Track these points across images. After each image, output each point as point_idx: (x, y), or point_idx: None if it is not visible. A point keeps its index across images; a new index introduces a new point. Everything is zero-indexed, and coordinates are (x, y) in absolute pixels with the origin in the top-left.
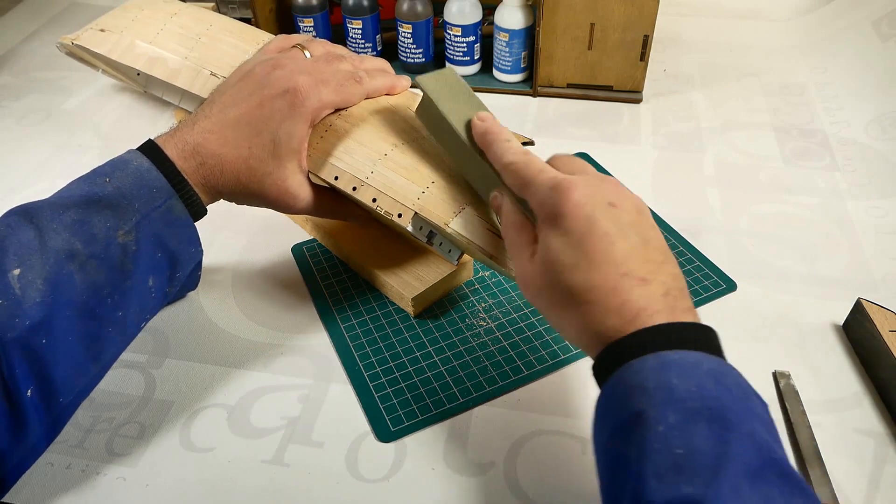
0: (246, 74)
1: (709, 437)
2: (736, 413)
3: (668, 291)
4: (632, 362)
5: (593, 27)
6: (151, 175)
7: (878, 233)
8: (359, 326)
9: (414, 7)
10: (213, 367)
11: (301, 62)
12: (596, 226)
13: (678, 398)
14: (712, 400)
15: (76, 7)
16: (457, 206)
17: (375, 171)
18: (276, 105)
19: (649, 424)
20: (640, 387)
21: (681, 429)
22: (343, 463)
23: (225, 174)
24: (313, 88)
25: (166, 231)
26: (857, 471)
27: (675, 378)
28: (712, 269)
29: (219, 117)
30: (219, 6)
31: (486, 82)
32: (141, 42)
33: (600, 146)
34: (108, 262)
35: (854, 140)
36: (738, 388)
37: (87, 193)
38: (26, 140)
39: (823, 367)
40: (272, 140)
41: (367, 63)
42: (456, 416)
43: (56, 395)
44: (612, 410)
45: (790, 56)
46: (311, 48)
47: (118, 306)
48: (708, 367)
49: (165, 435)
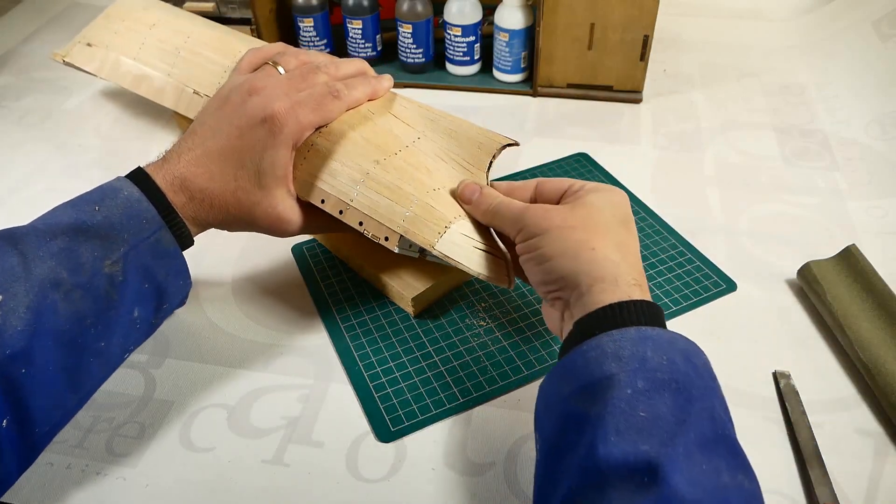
0: (223, 102)
1: (672, 406)
2: (699, 389)
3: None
4: (612, 331)
5: (593, 27)
6: (142, 206)
7: (878, 233)
8: (359, 326)
9: (414, 7)
10: (213, 367)
11: (276, 82)
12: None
13: (649, 368)
14: (680, 374)
15: (76, 7)
16: (441, 226)
17: (359, 193)
18: (257, 135)
19: (619, 387)
20: (616, 354)
21: (647, 395)
22: (343, 463)
23: (214, 208)
24: (291, 113)
25: (154, 263)
26: (857, 471)
27: (649, 351)
28: (712, 269)
29: (202, 150)
30: (219, 6)
31: (486, 82)
32: (126, 59)
33: (600, 146)
34: (93, 292)
35: (854, 140)
36: (705, 368)
37: (75, 221)
38: (26, 140)
39: (823, 367)
40: (256, 171)
41: (343, 69)
42: (456, 416)
43: (32, 425)
44: (582, 370)
45: (790, 56)
46: (284, 62)
47: (101, 337)
48: (682, 346)
49: (165, 435)
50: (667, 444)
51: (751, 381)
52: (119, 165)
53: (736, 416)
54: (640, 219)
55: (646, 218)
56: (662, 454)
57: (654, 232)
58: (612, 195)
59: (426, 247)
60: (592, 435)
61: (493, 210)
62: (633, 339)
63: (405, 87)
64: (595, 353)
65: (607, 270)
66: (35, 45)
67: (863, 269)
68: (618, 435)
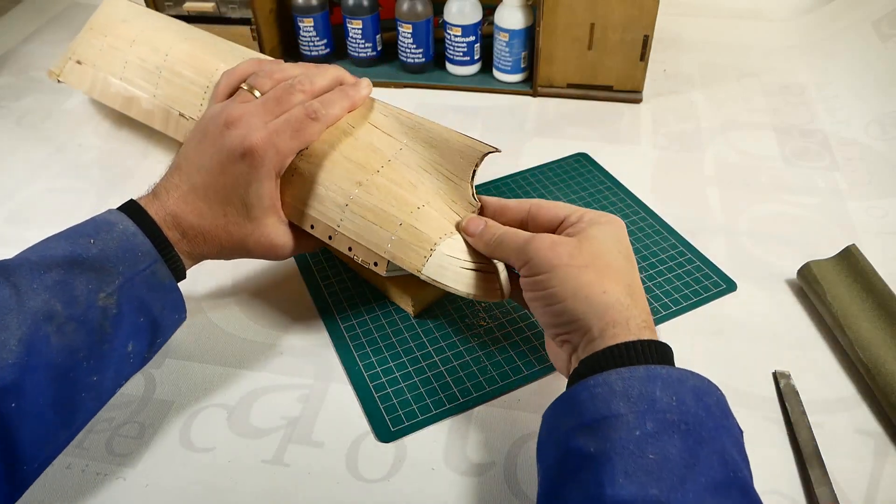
0: (203, 136)
1: (681, 449)
2: (710, 430)
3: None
4: (620, 368)
5: (593, 27)
6: (137, 239)
7: (878, 233)
8: (359, 326)
9: (414, 7)
10: (213, 367)
11: (251, 110)
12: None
13: (658, 409)
14: (690, 415)
15: (76, 7)
16: (427, 249)
17: (345, 218)
18: (238, 170)
19: (628, 428)
20: (625, 393)
21: (656, 437)
22: (343, 463)
23: (208, 242)
24: (269, 145)
25: (150, 296)
26: (857, 471)
27: (658, 390)
28: (712, 269)
29: (188, 186)
30: (219, 6)
31: (486, 82)
32: (113, 79)
33: (600, 146)
34: (87, 325)
35: (854, 140)
36: (718, 406)
37: (70, 254)
38: (26, 140)
39: (823, 367)
40: (243, 204)
41: (318, 82)
42: (456, 416)
43: (20, 462)
44: (587, 405)
45: (790, 56)
46: (259, 85)
47: (94, 371)
48: (692, 384)
49: (165, 435)
50: (676, 489)
51: (751, 381)
52: (119, 165)
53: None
54: (639, 219)
55: (646, 218)
56: (672, 499)
57: (654, 232)
58: (614, 229)
59: (413, 272)
60: (599, 474)
61: (496, 241)
62: (642, 377)
63: (405, 87)
64: (602, 389)
65: (619, 314)
66: (35, 45)
67: (863, 269)
68: (626, 477)
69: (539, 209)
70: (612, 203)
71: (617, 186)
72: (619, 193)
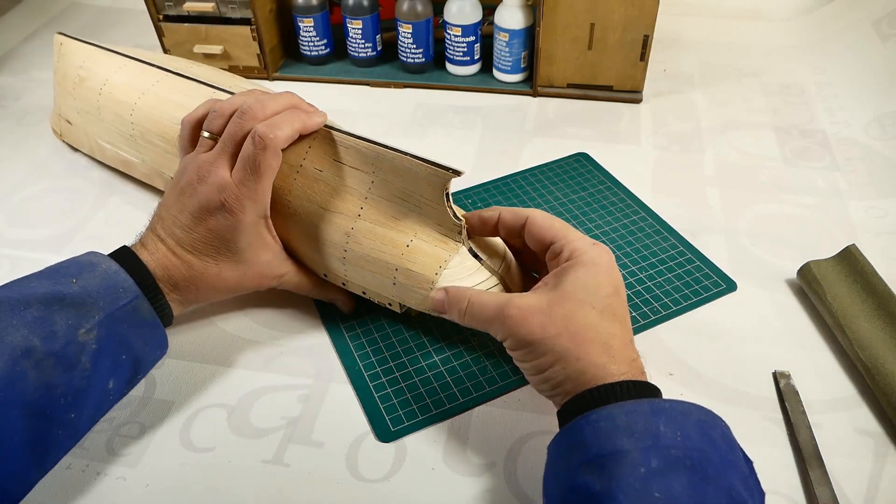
0: (180, 192)
1: (687, 486)
2: (716, 466)
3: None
4: (623, 402)
5: (593, 27)
6: (120, 276)
7: (878, 233)
8: (359, 326)
9: (414, 7)
10: (213, 367)
11: (212, 160)
12: (620, 292)
13: (663, 445)
14: (695, 451)
15: (76, 7)
16: (427, 288)
17: (347, 272)
18: (220, 222)
19: (632, 465)
20: (628, 428)
21: (661, 474)
22: (343, 463)
23: (201, 290)
24: (239, 195)
25: (131, 332)
26: (857, 471)
27: (662, 425)
28: (712, 269)
29: (174, 240)
30: (219, 6)
31: (486, 82)
32: (103, 143)
33: (600, 146)
34: (65, 361)
35: (854, 140)
36: (723, 440)
37: (51, 292)
38: (26, 140)
39: (823, 367)
40: (232, 251)
41: (270, 107)
42: (456, 416)
43: None
44: (591, 441)
45: (790, 56)
46: (213, 127)
47: (71, 408)
48: (697, 417)
49: (165, 435)
50: None
51: (751, 381)
52: None
53: (736, 416)
54: (639, 218)
55: (646, 218)
56: None
57: (654, 232)
58: (595, 273)
59: (423, 311)
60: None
61: (467, 314)
62: (646, 412)
63: (405, 87)
64: (606, 423)
65: (596, 375)
66: (35, 45)
67: (863, 269)
68: None
69: (532, 225)
70: (612, 203)
71: (617, 186)
72: (619, 193)
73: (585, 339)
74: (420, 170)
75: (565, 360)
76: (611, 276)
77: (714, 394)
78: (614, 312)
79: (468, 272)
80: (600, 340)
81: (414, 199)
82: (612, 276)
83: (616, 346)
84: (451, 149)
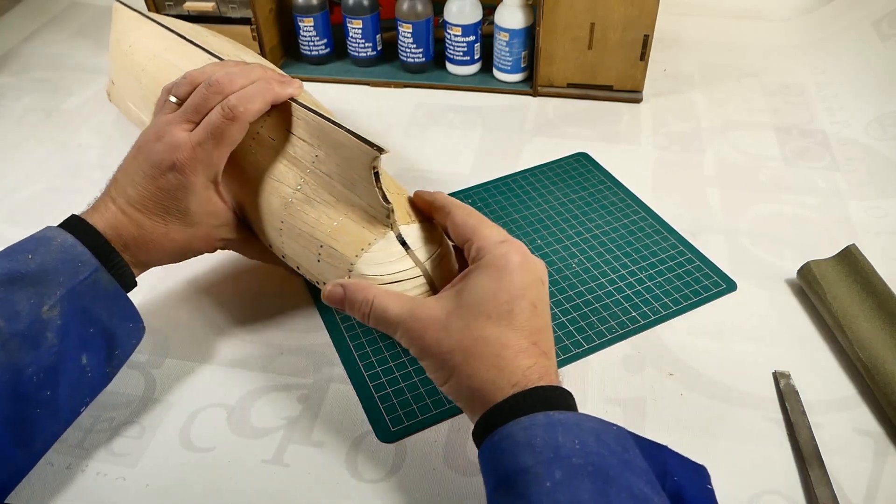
0: (137, 150)
1: (592, 492)
2: (615, 468)
3: (554, 360)
4: (521, 418)
5: (593, 27)
6: (77, 250)
7: (878, 233)
8: (359, 326)
9: (414, 7)
10: (213, 367)
11: (170, 121)
12: (528, 293)
13: (563, 455)
14: (594, 456)
15: (76, 7)
16: (344, 270)
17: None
18: (170, 182)
19: (538, 480)
20: (528, 444)
21: (566, 484)
22: (343, 463)
23: (150, 251)
24: (193, 157)
25: (94, 304)
26: (857, 471)
27: (560, 436)
28: (712, 269)
29: (124, 199)
30: (219, 6)
31: (486, 82)
32: (129, 104)
33: (600, 146)
34: (30, 340)
35: (854, 140)
36: (617, 442)
37: (9, 271)
38: (26, 140)
39: (823, 367)
40: (181, 212)
41: (238, 81)
42: (456, 416)
43: None
44: (497, 463)
45: (790, 56)
46: (178, 92)
47: (45, 385)
48: (589, 425)
49: (165, 435)
50: None
51: (751, 381)
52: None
53: (736, 416)
54: (639, 218)
55: (646, 218)
56: None
57: (654, 232)
58: (497, 276)
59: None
60: None
61: (371, 317)
62: (543, 425)
63: (405, 87)
64: (507, 443)
65: (486, 393)
66: (35, 45)
67: (863, 269)
68: None
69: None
70: (612, 203)
71: (617, 186)
72: (618, 193)
73: (475, 354)
74: (351, 144)
75: (458, 377)
76: (515, 278)
77: (714, 394)
78: (512, 319)
79: (390, 259)
80: (491, 353)
81: (349, 176)
82: (517, 277)
83: (507, 357)
84: (450, 148)
